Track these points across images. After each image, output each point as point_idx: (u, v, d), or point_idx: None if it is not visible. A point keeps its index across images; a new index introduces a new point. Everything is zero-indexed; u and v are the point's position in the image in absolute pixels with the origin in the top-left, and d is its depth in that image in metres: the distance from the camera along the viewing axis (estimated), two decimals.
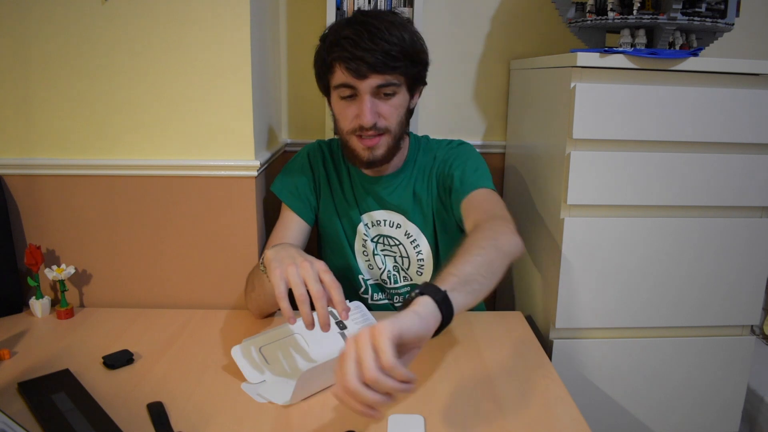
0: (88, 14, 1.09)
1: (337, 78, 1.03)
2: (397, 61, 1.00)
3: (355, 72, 0.99)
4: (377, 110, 1.03)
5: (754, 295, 1.20)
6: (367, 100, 1.01)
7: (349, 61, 0.98)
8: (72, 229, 1.18)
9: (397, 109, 1.05)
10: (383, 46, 0.98)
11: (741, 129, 1.11)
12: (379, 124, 1.03)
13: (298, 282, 0.83)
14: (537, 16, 1.50)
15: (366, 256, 1.21)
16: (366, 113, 1.01)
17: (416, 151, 1.18)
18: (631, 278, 1.16)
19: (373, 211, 1.18)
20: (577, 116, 1.08)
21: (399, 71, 1.01)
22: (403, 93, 1.06)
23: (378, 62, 0.98)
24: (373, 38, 0.98)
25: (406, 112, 1.09)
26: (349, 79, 1.00)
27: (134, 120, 1.14)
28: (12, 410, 0.82)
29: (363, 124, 1.02)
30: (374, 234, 1.19)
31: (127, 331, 1.09)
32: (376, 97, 1.03)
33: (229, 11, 1.10)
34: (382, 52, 0.98)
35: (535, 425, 0.81)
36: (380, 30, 0.99)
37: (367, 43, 0.97)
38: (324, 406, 0.85)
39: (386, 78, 1.00)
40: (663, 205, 1.14)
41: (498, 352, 1.02)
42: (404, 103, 1.07)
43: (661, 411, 1.24)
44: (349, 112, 1.04)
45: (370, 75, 0.99)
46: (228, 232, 1.19)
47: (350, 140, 1.07)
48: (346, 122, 1.06)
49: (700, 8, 1.12)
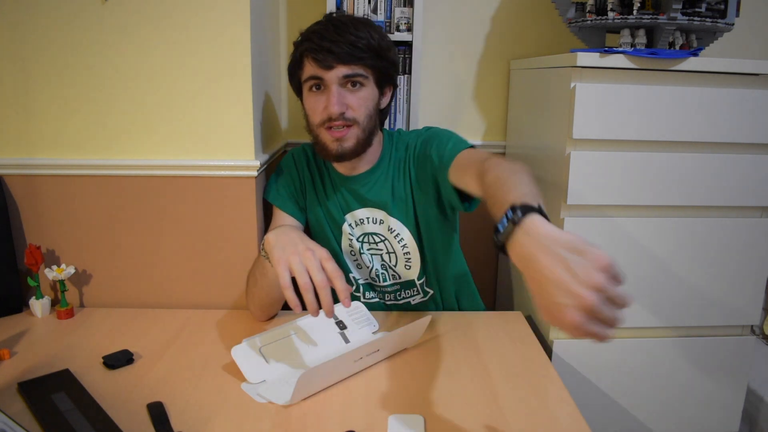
0: (88, 14, 1.09)
1: (306, 71, 1.07)
2: (362, 52, 1.04)
3: (322, 63, 1.03)
4: (344, 101, 1.05)
5: (754, 295, 1.20)
6: (334, 89, 1.04)
7: (316, 52, 1.03)
8: (72, 229, 1.18)
9: (365, 101, 1.07)
10: (349, 38, 1.02)
11: (741, 129, 1.11)
12: (347, 115, 1.05)
13: (302, 271, 0.86)
14: (537, 16, 1.50)
15: (354, 256, 1.21)
16: (333, 102, 1.04)
17: (390, 146, 1.19)
18: (631, 278, 1.16)
19: (355, 210, 1.19)
20: (577, 116, 1.08)
21: (364, 63, 1.05)
22: (371, 87, 1.08)
23: (343, 53, 1.02)
24: (339, 31, 1.03)
25: (376, 107, 1.11)
26: (316, 70, 1.04)
27: (134, 120, 1.14)
28: (12, 410, 0.82)
29: (330, 113, 1.04)
30: (359, 233, 1.19)
31: (127, 331, 1.09)
32: (343, 88, 1.05)
33: (229, 11, 1.10)
34: (347, 44, 1.02)
35: (535, 425, 0.81)
36: (346, 25, 1.04)
37: (333, 35, 1.02)
38: (324, 406, 0.85)
39: (352, 68, 1.04)
40: (663, 205, 1.14)
41: (498, 352, 1.02)
42: (372, 96, 1.09)
43: (661, 411, 1.24)
44: (318, 105, 1.07)
45: (336, 65, 1.03)
46: (228, 232, 1.19)
47: (320, 134, 1.09)
48: (315, 115, 1.08)
49: (700, 8, 1.12)
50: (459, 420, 0.82)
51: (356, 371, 0.93)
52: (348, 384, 0.91)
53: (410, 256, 1.19)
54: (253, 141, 1.16)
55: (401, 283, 1.22)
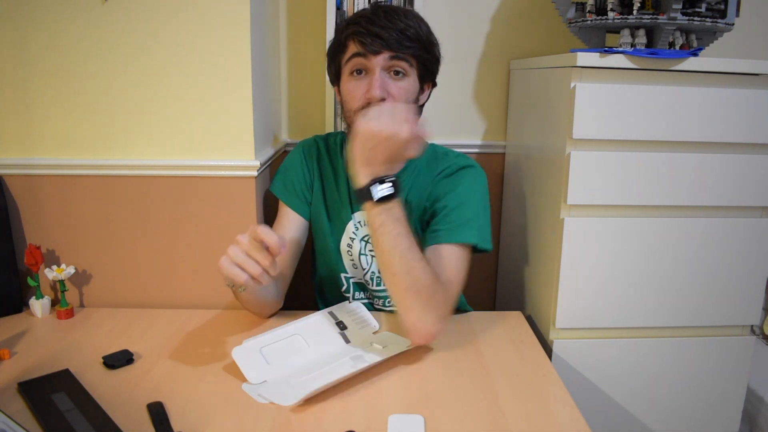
0: (88, 14, 1.09)
1: (350, 52, 1.03)
2: (411, 41, 1.01)
3: (369, 47, 1.00)
4: (387, 88, 1.02)
5: (754, 295, 1.20)
6: (378, 73, 1.01)
7: (363, 35, 1.00)
8: (72, 229, 1.18)
9: (406, 92, 1.04)
10: (399, 25, 1.00)
11: (741, 129, 1.11)
12: (388, 101, 1.02)
13: (233, 264, 0.88)
14: (537, 16, 1.50)
15: (351, 256, 1.18)
16: (375, 86, 1.01)
17: (422, 158, 1.13)
18: (631, 278, 1.16)
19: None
20: (577, 116, 1.08)
21: (411, 52, 1.02)
22: (413, 78, 1.05)
23: (392, 39, 0.99)
24: (390, 18, 1.00)
25: (414, 102, 1.08)
26: (362, 53, 1.01)
27: (134, 120, 1.14)
28: (12, 410, 0.82)
29: (371, 96, 1.01)
30: (364, 233, 1.17)
31: (127, 331, 1.09)
32: (386, 75, 1.03)
33: (229, 11, 1.10)
34: (396, 30, 1.00)
35: (535, 425, 0.81)
36: (397, 13, 1.02)
37: (383, 21, 1.00)
38: (324, 407, 0.85)
39: (399, 55, 1.01)
40: (663, 205, 1.14)
41: (498, 352, 1.02)
42: (414, 89, 1.06)
43: (661, 411, 1.24)
44: (358, 90, 1.04)
45: (383, 51, 1.00)
46: (228, 232, 1.19)
47: (357, 119, 1.04)
48: (354, 101, 1.04)
49: (700, 8, 1.12)
50: (459, 420, 0.82)
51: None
52: (348, 384, 0.91)
53: None
54: (253, 141, 1.16)
55: None
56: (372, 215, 0.94)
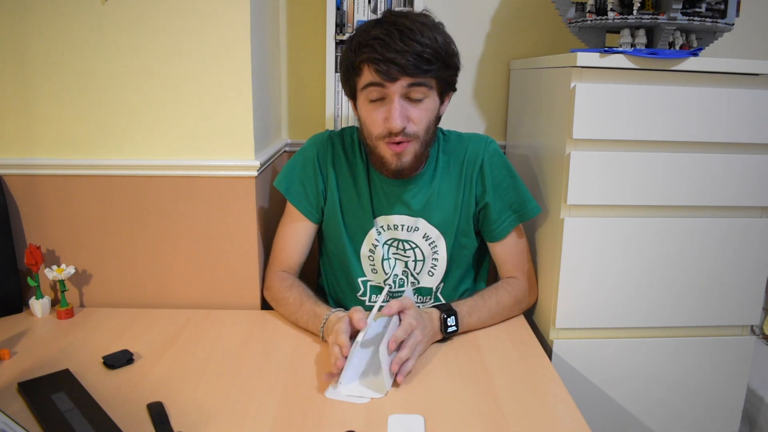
0: (88, 14, 1.09)
1: (365, 79, 0.99)
2: (429, 63, 0.96)
3: (385, 74, 0.95)
4: (407, 114, 0.99)
5: (754, 295, 1.20)
6: (396, 102, 0.97)
7: (379, 62, 0.94)
8: (72, 229, 1.18)
9: (426, 113, 1.01)
10: (415, 48, 0.94)
11: (741, 129, 1.11)
12: (408, 130, 0.99)
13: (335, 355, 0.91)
14: (537, 16, 1.50)
15: (372, 261, 1.16)
16: (395, 116, 0.97)
17: (440, 147, 1.13)
18: (631, 278, 1.16)
19: (391, 215, 1.13)
20: (577, 116, 1.08)
21: (431, 74, 0.98)
22: (433, 97, 1.02)
23: (409, 64, 0.94)
24: (405, 39, 0.94)
25: (435, 118, 1.06)
26: (379, 81, 0.96)
27: (134, 120, 1.14)
28: (12, 410, 0.82)
29: (392, 128, 0.98)
30: (387, 238, 1.14)
31: (127, 331, 1.09)
32: (405, 100, 0.99)
33: (230, 11, 1.10)
34: (414, 54, 0.94)
35: (535, 425, 0.81)
36: (412, 31, 0.95)
37: (399, 44, 0.93)
38: (324, 407, 0.85)
39: (418, 80, 0.97)
40: (663, 205, 1.14)
41: (498, 352, 1.02)
42: (434, 107, 1.03)
43: (661, 411, 1.24)
44: (377, 116, 1.00)
45: (401, 77, 0.95)
46: (228, 232, 1.19)
47: (378, 146, 1.03)
48: (374, 127, 1.01)
49: (700, 8, 1.12)
50: (459, 420, 0.82)
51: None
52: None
53: (437, 264, 1.16)
54: (253, 141, 1.16)
55: (416, 288, 1.19)
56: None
